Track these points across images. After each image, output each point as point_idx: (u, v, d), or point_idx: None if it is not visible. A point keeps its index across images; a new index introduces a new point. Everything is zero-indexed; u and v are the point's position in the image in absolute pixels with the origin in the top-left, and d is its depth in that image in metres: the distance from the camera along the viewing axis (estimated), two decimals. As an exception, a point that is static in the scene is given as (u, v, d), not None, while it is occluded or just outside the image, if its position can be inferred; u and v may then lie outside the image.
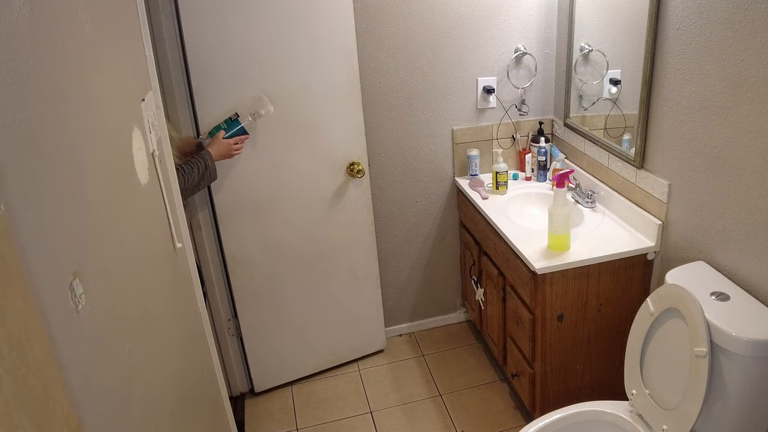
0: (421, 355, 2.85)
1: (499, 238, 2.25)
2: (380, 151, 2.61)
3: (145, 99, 1.29)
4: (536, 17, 2.52)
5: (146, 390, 1.01)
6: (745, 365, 1.43)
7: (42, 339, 0.63)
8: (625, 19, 2.04)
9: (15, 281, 0.59)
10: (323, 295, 2.61)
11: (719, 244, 1.72)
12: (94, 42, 0.97)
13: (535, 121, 2.68)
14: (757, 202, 1.55)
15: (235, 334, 2.54)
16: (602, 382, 2.21)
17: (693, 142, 1.77)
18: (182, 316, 1.39)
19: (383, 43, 2.44)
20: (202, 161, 2.02)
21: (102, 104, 0.97)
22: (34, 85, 0.71)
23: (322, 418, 2.49)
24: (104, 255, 0.89)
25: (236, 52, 2.11)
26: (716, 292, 1.60)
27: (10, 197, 0.62)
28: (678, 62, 1.79)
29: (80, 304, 0.76)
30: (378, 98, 2.52)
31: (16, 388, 0.56)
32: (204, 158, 2.03)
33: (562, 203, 1.95)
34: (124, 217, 1.02)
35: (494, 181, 2.52)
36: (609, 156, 2.24)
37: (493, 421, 2.41)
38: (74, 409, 0.69)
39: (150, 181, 1.23)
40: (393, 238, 2.80)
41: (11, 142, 0.63)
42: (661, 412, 1.63)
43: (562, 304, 2.02)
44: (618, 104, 2.17)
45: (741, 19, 1.52)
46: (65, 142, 0.79)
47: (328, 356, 2.74)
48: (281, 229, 2.42)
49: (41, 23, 0.76)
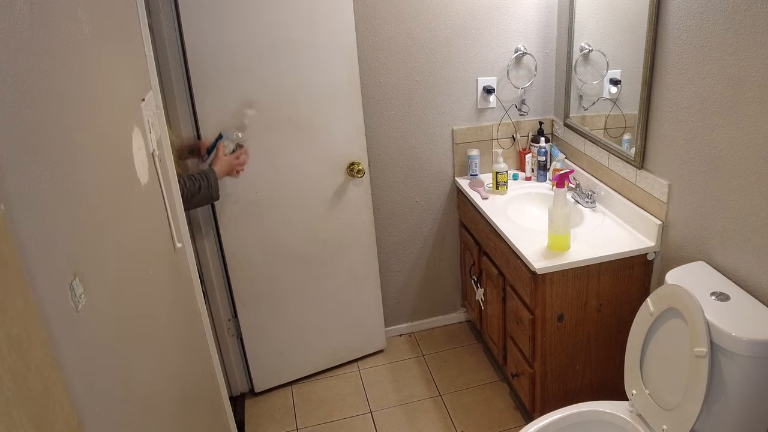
0: (421, 355, 2.85)
1: (499, 238, 2.25)
2: (380, 151, 2.61)
3: (145, 99, 1.29)
4: (536, 17, 2.52)
5: (146, 390, 1.01)
6: (745, 365, 1.43)
7: (42, 339, 0.63)
8: (625, 19, 2.04)
9: (15, 281, 0.59)
10: (323, 295, 2.61)
11: (719, 244, 1.72)
12: (94, 42, 0.97)
13: (535, 121, 2.68)
14: (757, 202, 1.55)
15: (235, 334, 2.54)
16: (602, 382, 2.21)
17: (693, 142, 1.77)
18: (182, 316, 1.39)
19: (383, 43, 2.44)
20: (205, 178, 2.00)
21: (102, 104, 0.97)
22: (34, 85, 0.71)
23: (322, 418, 2.49)
24: (104, 255, 0.89)
25: (236, 52, 2.11)
26: (716, 292, 1.60)
27: (10, 197, 0.62)
28: (678, 62, 1.79)
29: (80, 304, 0.76)
30: (378, 98, 2.52)
31: (16, 388, 0.56)
32: (207, 175, 2.01)
33: (562, 203, 1.95)
34: (124, 217, 1.02)
35: (494, 181, 2.52)
36: (609, 156, 2.24)
37: (493, 421, 2.41)
38: (74, 409, 0.69)
39: (150, 181, 1.23)
40: (393, 238, 2.80)
41: (11, 142, 0.63)
42: (661, 412, 1.63)
43: (562, 304, 2.02)
44: (618, 104, 2.17)
45: (741, 19, 1.52)
46: (65, 142, 0.79)
47: (328, 356, 2.74)
48: (281, 229, 2.42)
49: (41, 23, 0.76)
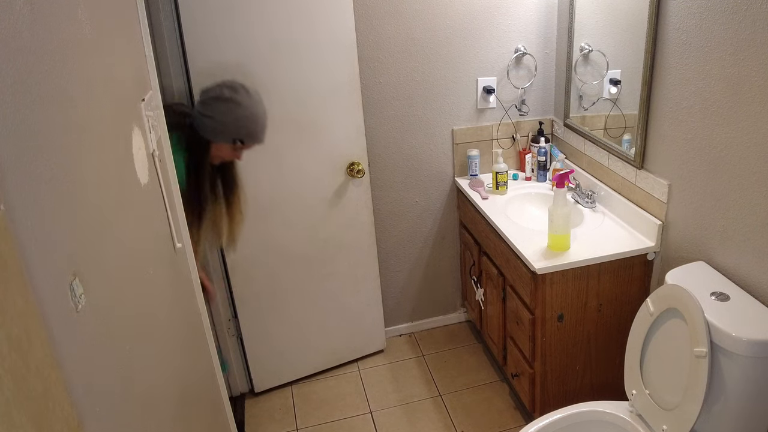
0: (421, 355, 2.85)
1: (499, 238, 2.25)
2: (380, 151, 2.61)
3: (145, 99, 1.29)
4: (536, 17, 2.52)
5: (146, 390, 1.01)
6: (745, 365, 1.43)
7: (42, 339, 0.63)
8: (625, 19, 2.04)
9: (15, 281, 0.59)
10: (323, 295, 2.61)
11: (719, 244, 1.72)
12: (94, 42, 0.97)
13: (535, 121, 2.68)
14: (757, 202, 1.55)
15: (235, 335, 2.54)
16: (602, 382, 2.21)
17: (693, 142, 1.77)
18: (182, 316, 1.39)
19: (383, 43, 2.44)
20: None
21: (102, 104, 0.97)
22: (34, 85, 0.71)
23: (322, 418, 2.49)
24: (104, 255, 0.89)
25: (236, 52, 2.11)
26: (716, 293, 1.60)
27: (10, 197, 0.62)
28: (678, 62, 1.79)
29: (80, 304, 0.76)
30: (378, 98, 2.52)
31: (16, 388, 0.56)
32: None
33: (562, 203, 1.95)
34: (124, 217, 1.02)
35: (494, 181, 2.52)
36: (609, 156, 2.24)
37: (493, 421, 2.41)
38: (74, 409, 0.69)
39: (150, 181, 1.23)
40: (393, 238, 2.80)
41: (11, 142, 0.63)
42: (661, 412, 1.63)
43: (562, 304, 2.02)
44: (618, 104, 2.17)
45: (741, 19, 1.52)
46: (65, 142, 0.79)
47: (328, 356, 2.74)
48: (281, 229, 2.41)
49: (41, 23, 0.76)
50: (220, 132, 1.86)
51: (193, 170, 1.89)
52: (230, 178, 2.06)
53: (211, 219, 1.99)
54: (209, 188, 1.97)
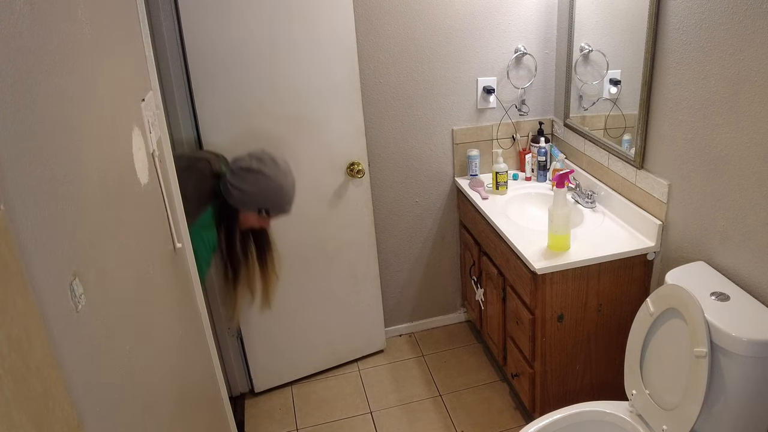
0: (421, 355, 2.85)
1: (499, 238, 2.25)
2: (380, 151, 2.61)
3: (145, 99, 1.29)
4: (536, 17, 2.52)
5: (146, 390, 1.01)
6: (745, 365, 1.43)
7: (42, 339, 0.63)
8: (625, 19, 2.04)
9: (15, 281, 0.59)
10: (323, 295, 2.61)
11: (719, 244, 1.72)
12: (94, 42, 0.97)
13: (535, 122, 2.68)
14: (757, 203, 1.55)
15: (235, 334, 2.54)
16: (602, 382, 2.21)
17: (693, 142, 1.77)
18: (182, 316, 1.39)
19: (383, 43, 2.44)
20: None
21: (102, 104, 0.97)
22: (34, 85, 0.71)
23: (322, 418, 2.49)
24: (104, 255, 0.89)
25: (236, 52, 2.11)
26: (716, 293, 1.60)
27: (10, 197, 0.62)
28: (678, 62, 1.79)
29: (80, 304, 0.76)
30: (378, 98, 2.52)
31: (16, 388, 0.56)
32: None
33: (562, 203, 1.95)
34: (124, 217, 1.02)
35: (494, 182, 2.52)
36: (609, 156, 2.24)
37: (493, 421, 2.41)
38: (74, 409, 0.69)
39: (150, 181, 1.23)
40: (393, 238, 2.80)
41: (11, 142, 0.63)
42: (661, 412, 1.63)
43: (562, 304, 2.02)
44: (618, 104, 2.17)
45: (741, 19, 1.52)
46: (65, 142, 0.79)
47: (328, 356, 2.74)
48: (281, 228, 2.41)
49: (41, 23, 0.76)
50: (246, 202, 1.89)
51: (225, 235, 1.93)
52: (263, 241, 2.10)
53: (245, 280, 2.03)
54: (241, 251, 2.01)
